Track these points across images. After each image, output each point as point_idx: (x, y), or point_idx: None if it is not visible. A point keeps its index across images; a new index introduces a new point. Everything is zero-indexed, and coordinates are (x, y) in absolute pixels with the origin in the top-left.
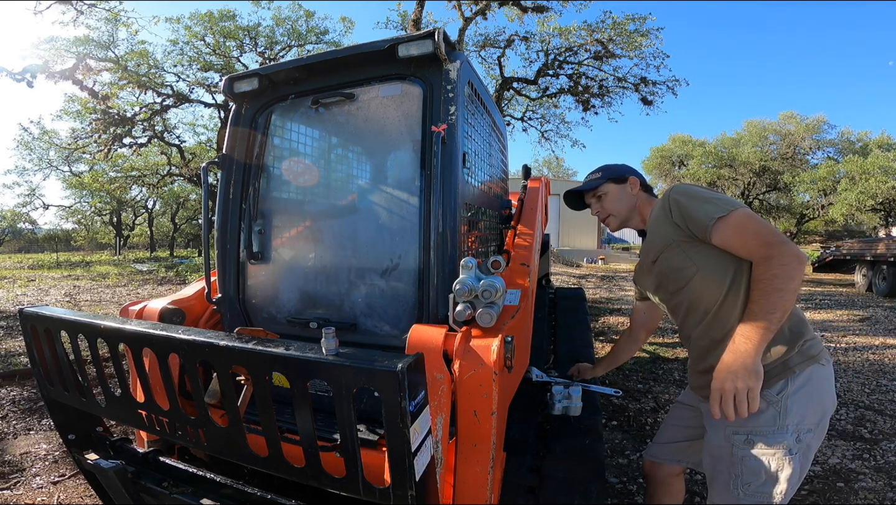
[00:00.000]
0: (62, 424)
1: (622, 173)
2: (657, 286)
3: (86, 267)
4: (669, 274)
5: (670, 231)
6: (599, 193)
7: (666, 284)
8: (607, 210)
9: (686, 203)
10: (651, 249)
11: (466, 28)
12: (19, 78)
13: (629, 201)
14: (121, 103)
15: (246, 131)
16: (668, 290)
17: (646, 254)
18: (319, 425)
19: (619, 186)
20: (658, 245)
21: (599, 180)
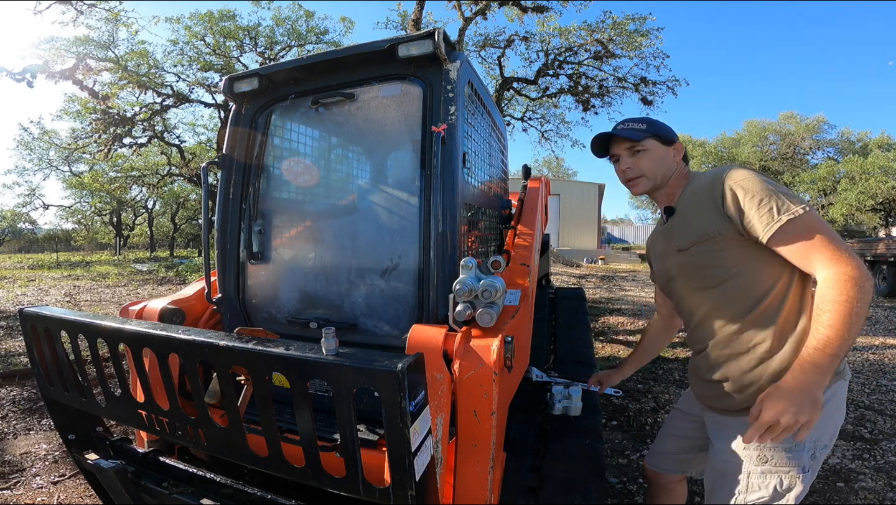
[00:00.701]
0: (62, 424)
1: (670, 135)
2: (678, 276)
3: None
4: (699, 270)
5: (716, 221)
6: (639, 148)
7: (691, 278)
8: (641, 169)
9: (746, 196)
10: (682, 234)
11: (466, 28)
12: (19, 78)
13: (668, 168)
14: (121, 103)
15: (246, 131)
16: (692, 285)
17: (671, 236)
18: (319, 425)
19: (664, 148)
20: (694, 233)
21: (643, 132)
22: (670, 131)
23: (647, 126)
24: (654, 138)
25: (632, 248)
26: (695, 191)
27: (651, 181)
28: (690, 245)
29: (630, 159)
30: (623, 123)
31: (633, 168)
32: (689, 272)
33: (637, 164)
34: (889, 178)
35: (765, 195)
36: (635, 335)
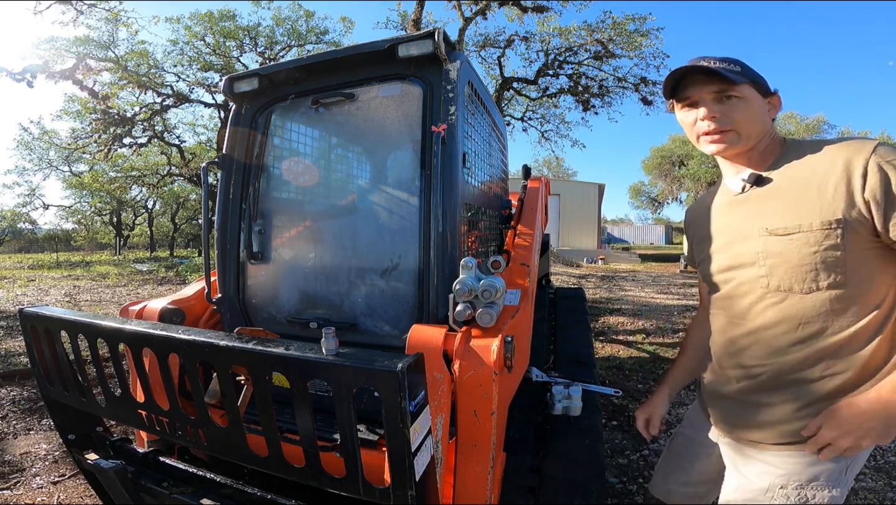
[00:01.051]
0: (62, 424)
1: (766, 85)
2: (753, 265)
3: (86, 267)
4: (798, 266)
5: (845, 207)
6: (733, 94)
7: (775, 274)
8: (734, 121)
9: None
10: (780, 213)
11: (466, 28)
12: (19, 78)
13: (764, 126)
14: (121, 103)
15: (246, 131)
16: (773, 283)
17: (757, 212)
18: (319, 425)
19: (762, 100)
20: (805, 216)
21: (739, 75)
22: (766, 81)
23: (742, 69)
24: (752, 85)
25: (632, 248)
26: (807, 162)
27: (743, 139)
28: (794, 231)
29: (718, 106)
30: (709, 60)
31: (723, 118)
32: (779, 265)
33: (729, 115)
34: None
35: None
36: (635, 335)
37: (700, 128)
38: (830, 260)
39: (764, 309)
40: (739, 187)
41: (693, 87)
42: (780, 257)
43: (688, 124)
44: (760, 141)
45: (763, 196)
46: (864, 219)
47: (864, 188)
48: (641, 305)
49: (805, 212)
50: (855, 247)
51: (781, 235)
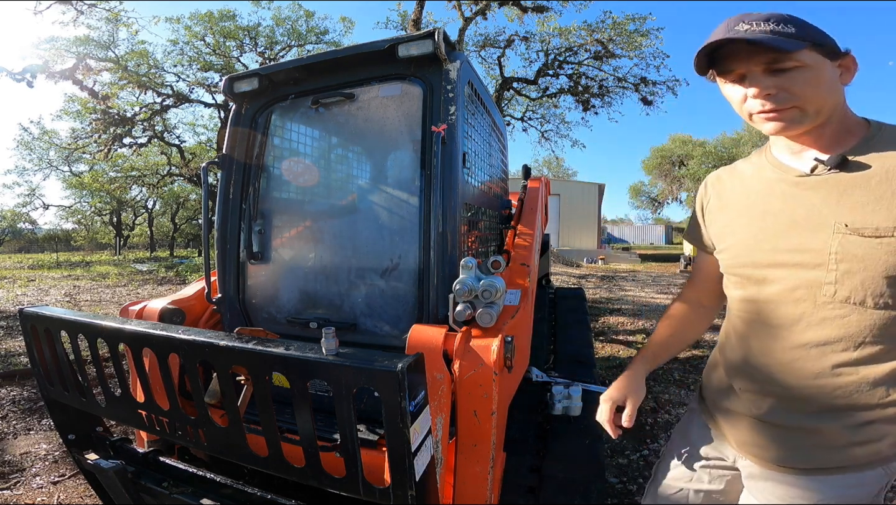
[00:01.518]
0: (62, 424)
1: (834, 44)
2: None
3: (86, 267)
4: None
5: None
6: (791, 64)
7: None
8: (794, 95)
9: None
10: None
11: (466, 28)
12: (19, 78)
13: (836, 95)
14: (121, 103)
15: (246, 131)
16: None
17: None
18: (319, 425)
19: (829, 65)
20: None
21: (794, 40)
22: (831, 38)
23: (797, 28)
24: (816, 49)
25: (632, 249)
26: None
27: (810, 116)
28: (886, 233)
29: (771, 80)
30: (751, 22)
31: (781, 94)
32: (856, 273)
33: (789, 89)
34: None
35: None
36: (635, 335)
37: (752, 106)
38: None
39: (820, 322)
40: (809, 167)
41: (736, 58)
42: (861, 263)
43: (736, 101)
44: (832, 116)
45: (847, 183)
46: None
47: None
48: (641, 305)
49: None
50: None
51: (869, 237)
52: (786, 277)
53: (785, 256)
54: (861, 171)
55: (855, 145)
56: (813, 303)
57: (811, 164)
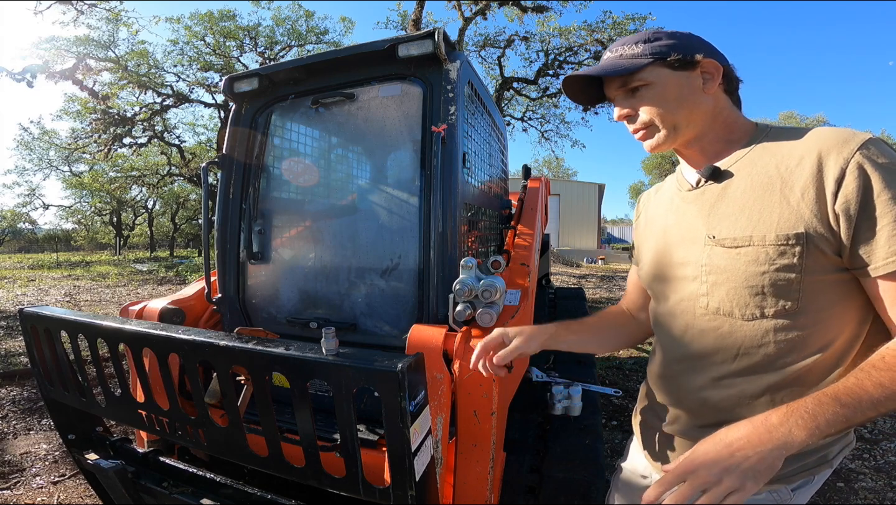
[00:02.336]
0: (62, 424)
1: (688, 50)
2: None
3: (86, 267)
4: (744, 287)
5: (811, 217)
6: (636, 83)
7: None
8: (646, 116)
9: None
10: (732, 220)
11: (466, 28)
12: (19, 78)
13: (696, 107)
14: (121, 103)
15: (246, 131)
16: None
17: (707, 214)
18: (319, 425)
19: (682, 76)
20: (760, 225)
21: (642, 59)
22: (693, 44)
23: (646, 47)
24: (662, 64)
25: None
26: (775, 155)
27: (672, 132)
28: (744, 243)
29: (628, 102)
30: (614, 49)
31: (635, 115)
32: (721, 284)
33: (639, 107)
34: None
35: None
36: None
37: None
38: (782, 283)
39: (700, 334)
40: (695, 180)
41: (607, 86)
42: (724, 274)
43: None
44: (706, 126)
45: (717, 194)
46: (831, 236)
47: (836, 196)
48: None
49: (761, 220)
50: (815, 269)
51: (728, 247)
52: (675, 290)
53: (675, 269)
54: (730, 180)
55: (732, 155)
56: (693, 315)
57: (696, 178)
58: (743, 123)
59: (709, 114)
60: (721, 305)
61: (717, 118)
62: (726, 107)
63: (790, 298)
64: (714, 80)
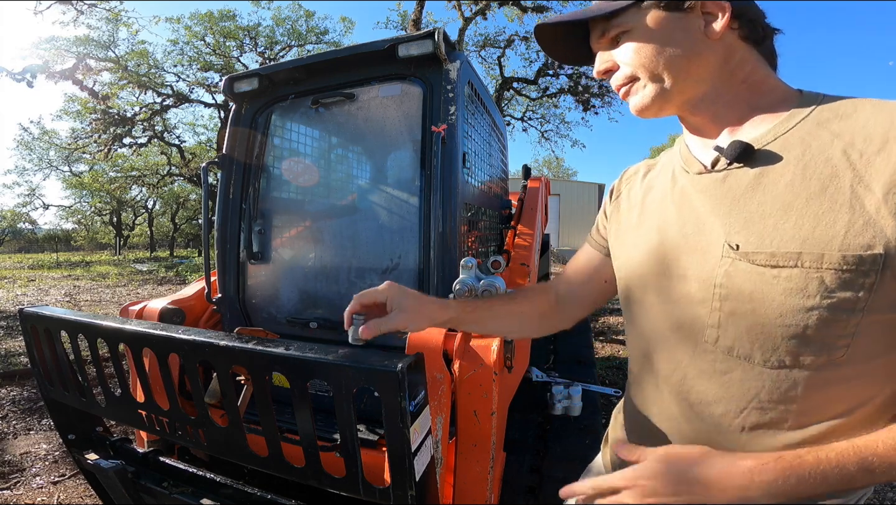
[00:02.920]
0: (62, 424)
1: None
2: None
3: (86, 267)
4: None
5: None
6: (617, 28)
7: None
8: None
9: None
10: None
11: (466, 28)
12: (19, 78)
13: (695, 53)
14: (121, 103)
15: (246, 131)
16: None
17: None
18: (319, 425)
19: (669, 18)
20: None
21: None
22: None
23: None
24: (648, 5)
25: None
26: (839, 135)
27: (658, 88)
28: (787, 262)
29: (606, 53)
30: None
31: (615, 67)
32: (743, 316)
33: (620, 57)
34: None
35: None
36: None
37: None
38: (835, 325)
39: (699, 374)
40: (710, 159)
41: (592, 35)
42: (749, 304)
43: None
44: (720, 83)
45: (749, 185)
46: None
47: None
48: None
49: (818, 229)
50: (885, 305)
51: (762, 266)
52: (669, 313)
53: (672, 284)
54: (770, 166)
55: (770, 128)
56: (693, 349)
57: (712, 156)
58: (778, 86)
59: (717, 66)
60: (737, 345)
61: (733, 74)
62: (748, 60)
63: (840, 345)
64: (719, 21)
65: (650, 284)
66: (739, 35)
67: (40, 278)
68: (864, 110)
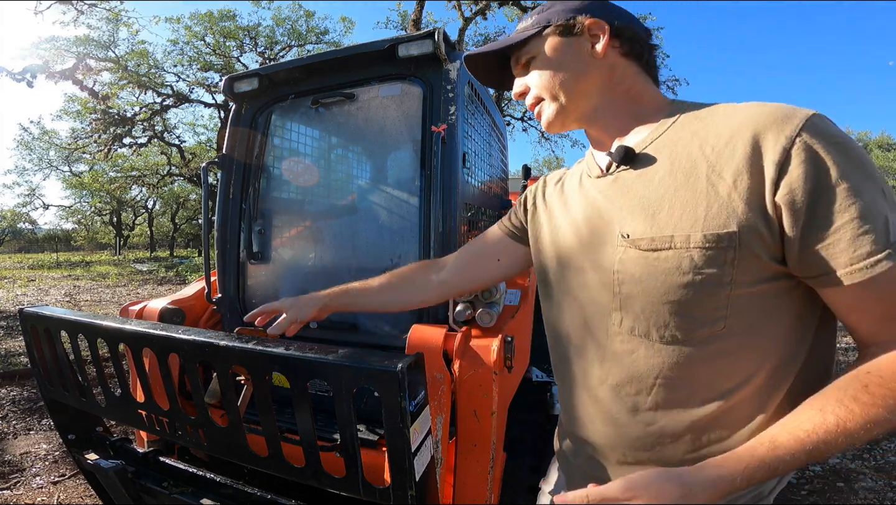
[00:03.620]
0: (62, 424)
1: (571, 13)
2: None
3: (86, 267)
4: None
5: (745, 211)
6: (526, 55)
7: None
8: (535, 86)
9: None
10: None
11: (466, 28)
12: (19, 78)
13: (584, 72)
14: (121, 103)
15: (246, 131)
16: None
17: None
18: (319, 425)
19: (564, 42)
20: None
21: (529, 30)
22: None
23: (536, 18)
24: (549, 32)
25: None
26: (696, 133)
27: (559, 106)
28: (663, 245)
29: (521, 78)
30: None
31: (527, 90)
32: (636, 297)
33: (530, 82)
34: (889, 178)
35: (878, 194)
36: None
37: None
38: (709, 298)
39: (612, 357)
40: (605, 163)
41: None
42: (639, 285)
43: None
44: (605, 97)
45: (633, 182)
46: (770, 236)
47: (777, 184)
48: None
49: (685, 215)
50: (747, 280)
51: (645, 250)
52: (583, 302)
53: (583, 275)
54: (648, 166)
55: (647, 134)
56: (605, 333)
57: (606, 161)
58: (655, 96)
59: (603, 82)
60: (636, 324)
61: (616, 87)
62: (629, 75)
63: (718, 316)
64: (602, 42)
65: (567, 279)
66: (621, 52)
67: (40, 278)
68: (717, 113)
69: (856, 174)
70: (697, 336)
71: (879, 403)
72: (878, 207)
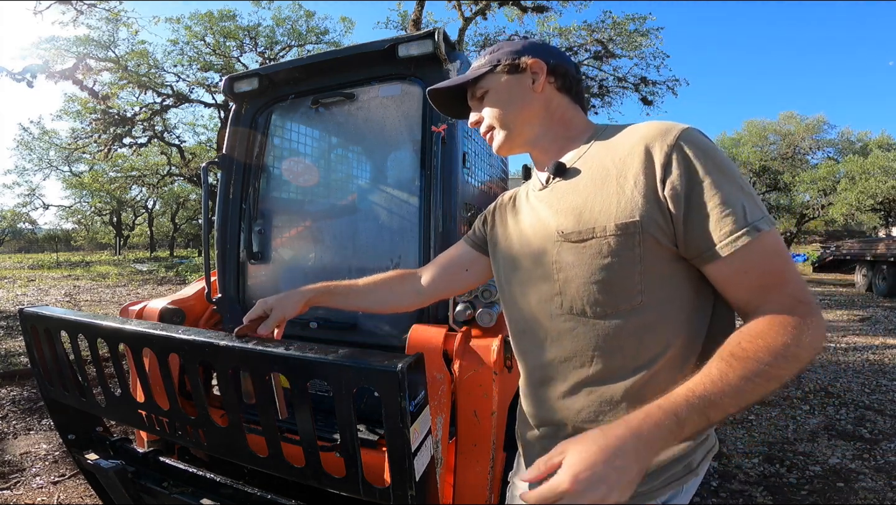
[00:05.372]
0: (62, 424)
1: (516, 55)
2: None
3: (86, 267)
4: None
5: (643, 204)
6: (479, 91)
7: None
8: (488, 117)
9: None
10: (574, 212)
11: (466, 28)
12: (19, 78)
13: (524, 106)
14: (121, 103)
15: (246, 131)
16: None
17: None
18: (319, 425)
19: (511, 79)
20: (598, 215)
21: (482, 68)
22: (525, 49)
23: (488, 58)
24: (498, 70)
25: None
26: (608, 148)
27: (505, 132)
28: (587, 236)
29: (476, 109)
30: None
31: (482, 120)
32: (571, 280)
33: (485, 113)
34: (889, 177)
35: (735, 187)
36: None
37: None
38: (626, 276)
39: (559, 336)
40: (545, 178)
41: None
42: (573, 270)
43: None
44: (544, 124)
45: (564, 190)
46: (665, 223)
47: (664, 182)
48: None
49: (602, 211)
50: (654, 260)
51: (575, 242)
52: (532, 293)
53: (531, 271)
54: (576, 177)
55: (575, 152)
56: (550, 317)
57: (546, 176)
58: (582, 121)
59: (542, 112)
60: (574, 304)
61: (552, 116)
62: (562, 105)
63: (635, 291)
64: (540, 79)
65: (519, 277)
66: (556, 87)
67: (40, 278)
68: (623, 131)
69: (716, 172)
70: (622, 309)
71: (751, 356)
72: (735, 196)
